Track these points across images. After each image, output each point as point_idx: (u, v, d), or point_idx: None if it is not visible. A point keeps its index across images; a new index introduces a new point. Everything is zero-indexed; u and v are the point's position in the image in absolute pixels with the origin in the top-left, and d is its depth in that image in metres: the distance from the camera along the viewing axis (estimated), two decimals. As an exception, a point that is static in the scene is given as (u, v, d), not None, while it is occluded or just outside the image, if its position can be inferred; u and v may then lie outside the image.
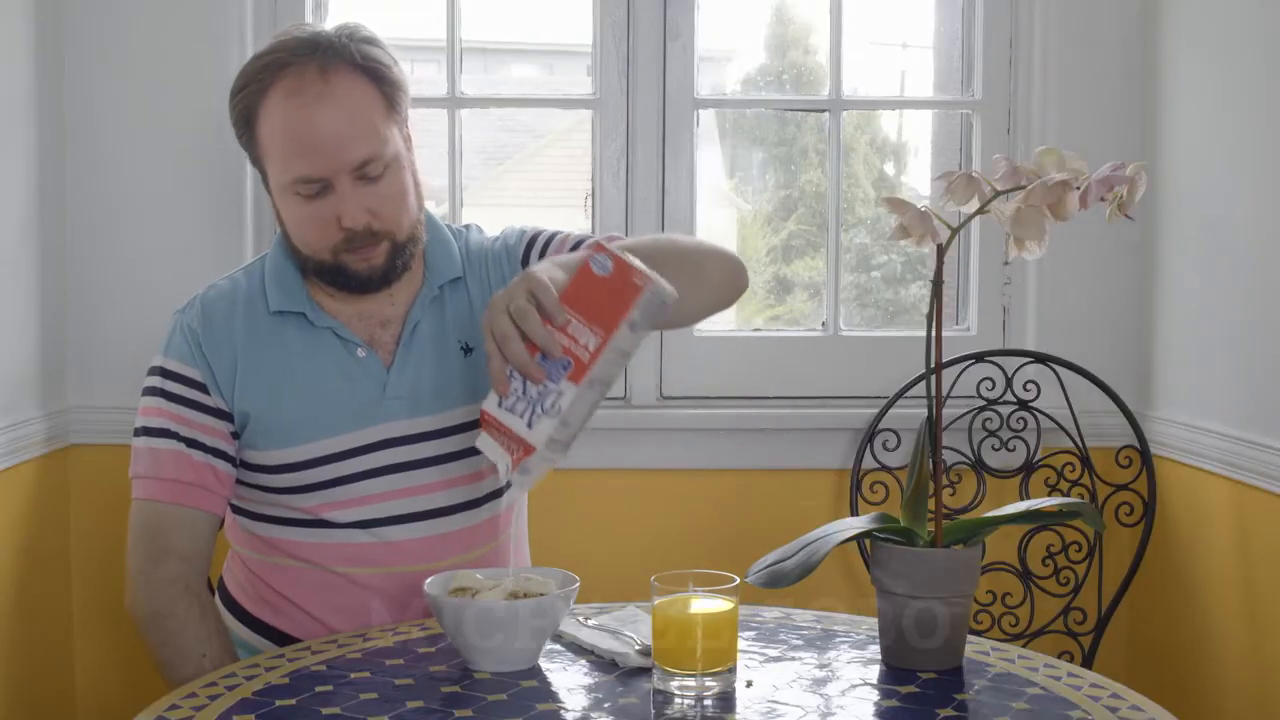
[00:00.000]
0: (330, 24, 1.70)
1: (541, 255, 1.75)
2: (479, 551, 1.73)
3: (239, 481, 1.71)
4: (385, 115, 1.63)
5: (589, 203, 2.47)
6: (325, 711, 1.30)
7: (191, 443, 1.66)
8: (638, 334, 1.37)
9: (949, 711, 1.32)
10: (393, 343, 1.70)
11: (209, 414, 1.67)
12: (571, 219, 2.55)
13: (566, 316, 1.37)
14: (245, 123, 1.65)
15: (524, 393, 1.38)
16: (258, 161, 1.67)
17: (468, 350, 1.71)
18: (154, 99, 2.30)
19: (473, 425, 1.70)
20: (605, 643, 1.49)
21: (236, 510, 1.76)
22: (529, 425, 1.38)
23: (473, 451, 1.70)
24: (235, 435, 1.68)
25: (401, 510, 1.69)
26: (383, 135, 1.62)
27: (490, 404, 1.41)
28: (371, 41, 1.65)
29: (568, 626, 1.53)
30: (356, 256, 1.64)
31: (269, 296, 1.69)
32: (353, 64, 1.61)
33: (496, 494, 1.76)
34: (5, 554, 2.12)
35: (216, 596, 1.79)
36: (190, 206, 2.31)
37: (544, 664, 1.45)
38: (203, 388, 1.67)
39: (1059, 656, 2.21)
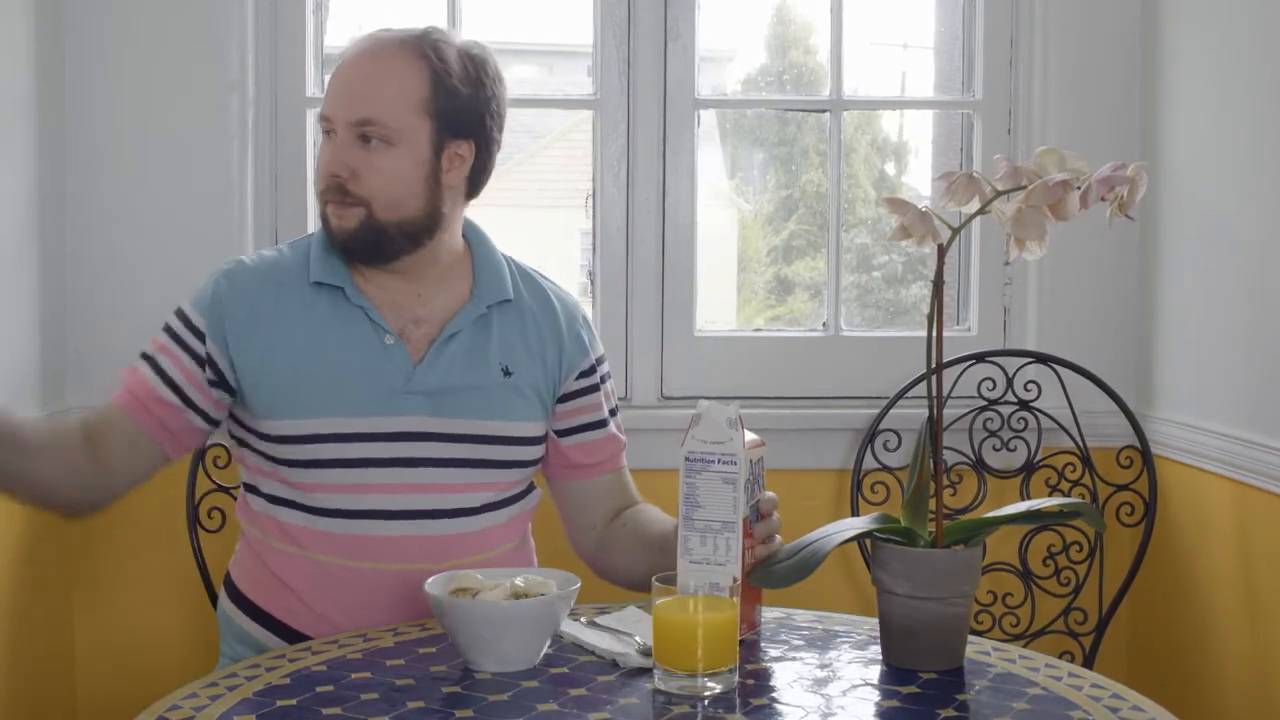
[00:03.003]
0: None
1: (591, 390, 1.83)
2: (485, 555, 1.73)
3: (255, 451, 1.72)
4: (418, 103, 1.68)
5: (589, 203, 2.47)
6: (326, 712, 1.30)
7: (167, 380, 1.70)
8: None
9: (950, 712, 1.32)
10: (425, 342, 1.72)
11: (207, 377, 1.70)
12: (572, 219, 2.55)
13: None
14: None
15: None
16: None
17: (507, 373, 1.75)
18: (154, 99, 2.30)
19: (502, 440, 1.74)
20: (606, 643, 1.49)
21: (250, 489, 1.76)
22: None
23: (495, 463, 1.75)
24: (225, 394, 1.71)
25: (409, 505, 1.69)
26: (398, 110, 1.67)
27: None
28: (467, 52, 1.72)
29: (568, 627, 1.53)
30: (332, 210, 1.70)
31: (312, 267, 1.73)
32: (420, 50, 1.69)
33: (506, 503, 1.77)
34: (5, 555, 2.12)
35: (223, 592, 1.80)
36: (190, 207, 2.31)
37: (544, 664, 1.45)
38: (210, 359, 1.70)
39: (1060, 657, 2.21)
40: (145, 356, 1.73)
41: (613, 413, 1.88)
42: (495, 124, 1.75)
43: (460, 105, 1.70)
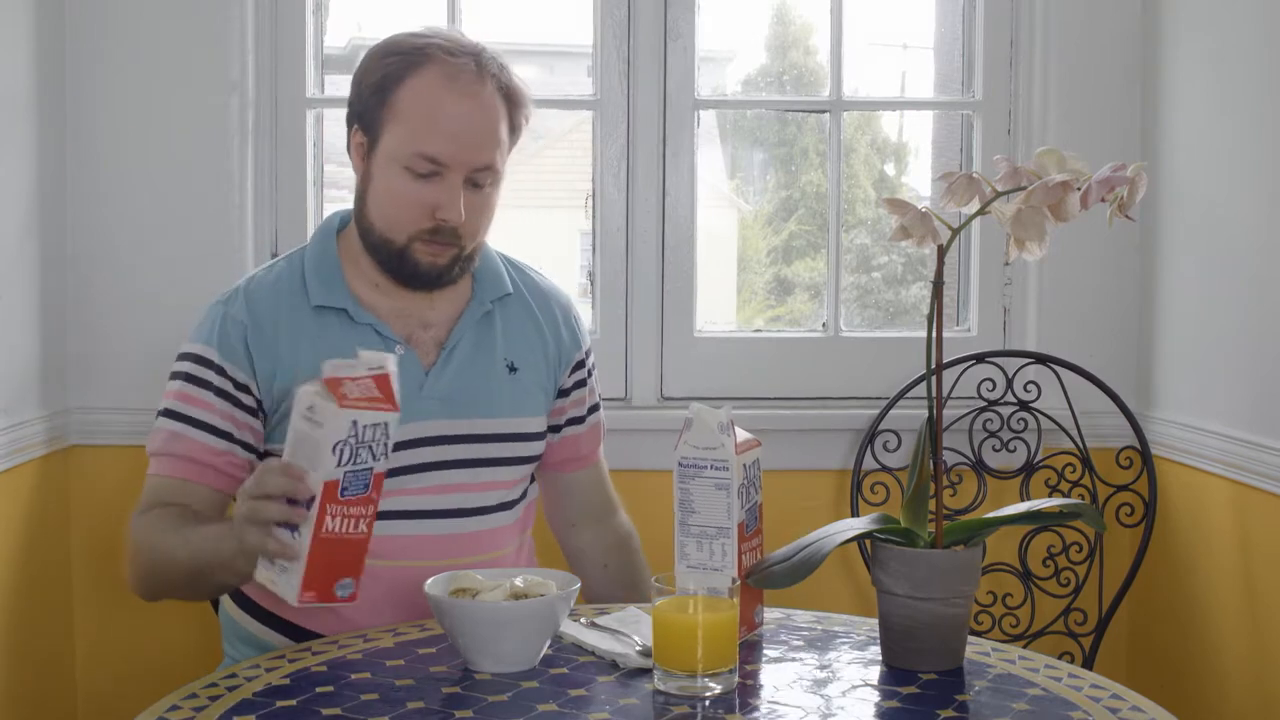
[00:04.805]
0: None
1: (580, 385, 1.87)
2: (497, 553, 1.74)
3: None
4: (506, 139, 1.71)
5: (589, 203, 2.47)
6: (326, 712, 1.30)
7: (213, 429, 1.67)
8: None
9: (950, 712, 1.32)
10: (434, 346, 1.74)
11: (244, 410, 1.68)
12: (572, 219, 2.55)
13: None
14: (385, 85, 1.68)
15: None
16: (375, 124, 1.69)
17: (513, 369, 1.77)
18: (154, 99, 2.30)
19: (510, 438, 1.76)
20: (606, 643, 1.49)
21: None
22: None
23: (505, 460, 1.76)
24: (264, 425, 1.70)
25: (425, 506, 1.70)
26: (503, 154, 1.71)
27: None
28: (520, 89, 1.75)
29: (568, 627, 1.54)
30: (428, 249, 1.69)
31: (310, 291, 1.72)
32: (500, 83, 1.70)
33: (514, 502, 1.79)
34: (5, 554, 2.12)
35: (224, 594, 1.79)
36: (190, 207, 2.31)
37: (544, 665, 1.45)
38: (244, 386, 1.68)
39: (1060, 657, 2.21)
40: (172, 414, 1.68)
41: (595, 406, 1.91)
42: None
43: (524, 125, 1.76)
